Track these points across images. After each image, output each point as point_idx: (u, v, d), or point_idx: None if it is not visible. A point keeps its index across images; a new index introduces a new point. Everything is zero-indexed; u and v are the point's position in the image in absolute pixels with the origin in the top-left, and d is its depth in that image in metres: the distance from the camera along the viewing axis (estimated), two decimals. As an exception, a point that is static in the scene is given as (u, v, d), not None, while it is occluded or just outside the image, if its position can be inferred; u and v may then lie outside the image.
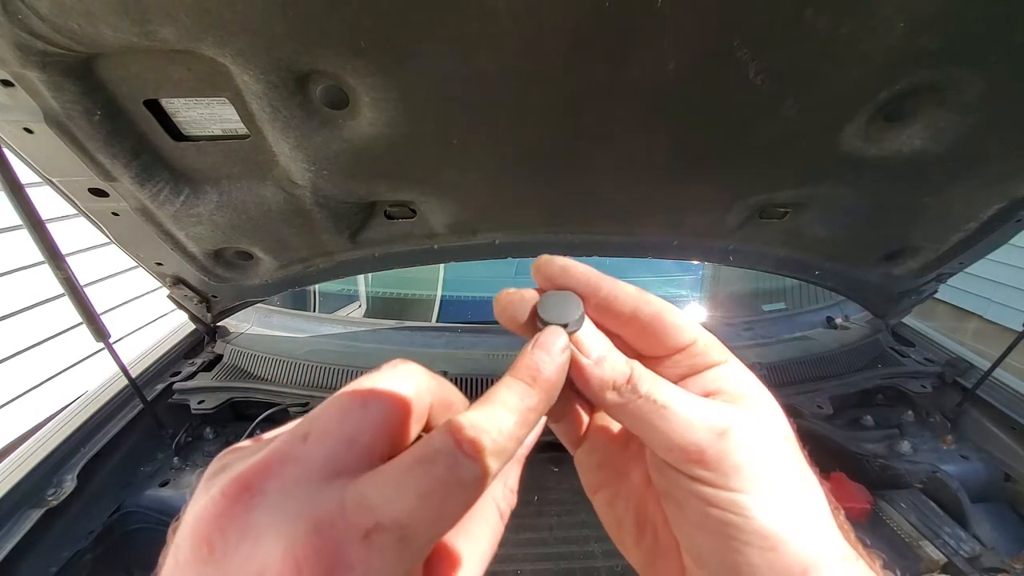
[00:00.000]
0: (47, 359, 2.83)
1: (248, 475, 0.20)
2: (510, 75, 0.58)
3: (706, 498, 0.24)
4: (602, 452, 0.32)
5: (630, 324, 0.28)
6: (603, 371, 0.26)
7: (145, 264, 1.04)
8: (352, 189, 0.82)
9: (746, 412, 0.26)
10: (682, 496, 0.26)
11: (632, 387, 0.26)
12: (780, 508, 0.24)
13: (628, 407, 0.26)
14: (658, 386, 0.26)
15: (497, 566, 0.93)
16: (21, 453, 0.97)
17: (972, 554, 0.90)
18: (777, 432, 0.26)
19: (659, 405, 0.25)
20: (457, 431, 0.21)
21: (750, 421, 0.25)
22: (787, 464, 0.25)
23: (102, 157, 0.70)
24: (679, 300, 1.81)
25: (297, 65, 0.56)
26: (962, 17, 0.51)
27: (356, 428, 0.21)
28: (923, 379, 1.31)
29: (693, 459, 0.24)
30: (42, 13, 0.48)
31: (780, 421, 0.27)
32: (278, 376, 1.25)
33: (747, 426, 0.25)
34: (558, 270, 0.28)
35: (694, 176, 0.82)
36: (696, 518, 0.25)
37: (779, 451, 0.25)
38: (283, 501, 0.19)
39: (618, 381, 0.26)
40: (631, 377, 0.26)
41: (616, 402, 0.26)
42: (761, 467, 0.24)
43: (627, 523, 0.31)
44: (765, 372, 1.26)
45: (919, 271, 1.11)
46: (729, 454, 0.24)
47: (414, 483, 0.20)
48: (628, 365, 0.27)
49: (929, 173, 0.79)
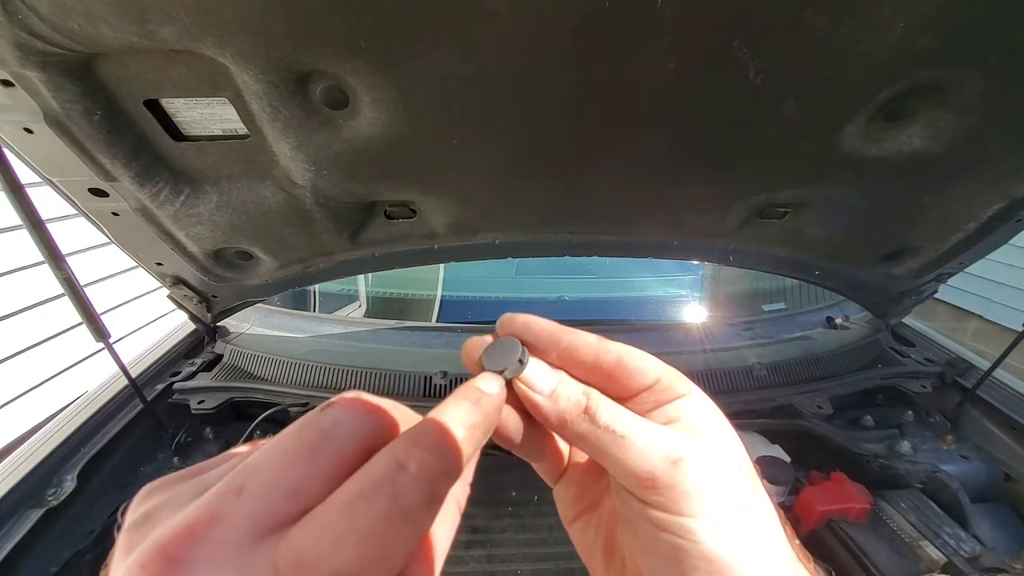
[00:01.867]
0: (47, 359, 2.83)
1: (171, 543, 0.17)
2: (510, 75, 0.58)
3: (657, 523, 0.25)
4: (577, 486, 0.34)
5: (594, 372, 0.28)
6: (557, 404, 0.27)
7: (145, 264, 1.04)
8: (352, 189, 0.82)
9: (700, 441, 0.27)
10: (637, 521, 0.27)
11: (591, 417, 0.27)
12: (727, 533, 0.25)
13: (588, 438, 0.27)
14: (616, 416, 0.27)
15: (497, 566, 0.93)
16: (21, 453, 0.97)
17: (972, 554, 0.90)
18: (730, 460, 0.27)
19: (617, 435, 0.26)
20: (401, 452, 0.20)
21: (703, 450, 0.26)
22: (738, 491, 0.26)
23: (102, 157, 0.70)
24: (679, 300, 1.81)
25: (297, 65, 0.56)
26: (962, 17, 0.51)
27: (302, 478, 0.19)
28: (923, 379, 1.31)
29: (647, 485, 0.25)
30: (42, 13, 0.48)
31: (735, 450, 0.28)
32: (278, 376, 1.25)
33: (700, 454, 0.26)
34: (520, 326, 0.30)
35: (694, 176, 0.82)
36: (649, 542, 0.26)
37: (730, 479, 0.26)
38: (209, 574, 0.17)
39: (573, 412, 0.27)
40: (588, 407, 0.27)
41: (576, 432, 0.27)
42: (710, 494, 0.25)
43: (596, 550, 0.32)
44: (765, 372, 1.27)
45: (919, 271, 1.11)
46: (680, 481, 0.25)
47: (353, 525, 0.18)
48: (584, 395, 0.27)
49: (929, 173, 0.79)
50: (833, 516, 1.01)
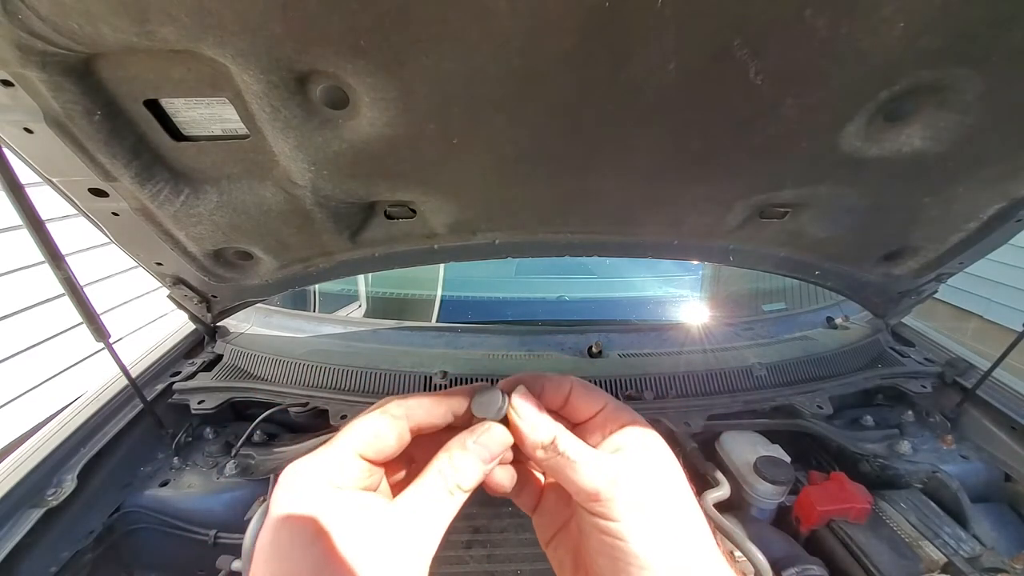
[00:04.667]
0: (47, 359, 2.83)
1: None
2: (510, 75, 0.58)
3: (600, 528, 0.33)
4: (551, 513, 0.42)
5: (560, 403, 0.40)
6: (535, 435, 0.36)
7: (145, 264, 1.04)
8: (352, 189, 0.82)
9: (633, 460, 0.35)
10: (590, 531, 0.35)
11: (554, 446, 0.36)
12: (651, 534, 0.32)
13: (550, 462, 0.36)
14: (572, 446, 0.36)
15: (497, 566, 0.93)
16: (21, 453, 0.97)
17: (972, 554, 0.90)
18: (659, 477, 0.35)
19: (571, 460, 0.35)
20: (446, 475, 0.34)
21: (636, 470, 0.35)
22: (664, 501, 0.34)
23: (102, 157, 0.70)
24: (679, 300, 1.81)
25: (297, 65, 0.56)
26: (962, 17, 0.51)
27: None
28: (923, 379, 1.31)
29: (593, 499, 0.33)
30: (42, 13, 0.48)
31: (665, 469, 0.36)
32: (278, 376, 1.25)
33: (632, 472, 0.34)
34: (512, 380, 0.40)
35: (694, 176, 0.82)
36: (597, 546, 0.34)
37: (658, 492, 0.34)
38: None
39: (544, 442, 0.36)
40: (555, 440, 0.36)
41: (543, 458, 0.36)
42: (638, 504, 0.33)
43: (567, 564, 0.40)
44: (765, 372, 1.27)
45: (919, 271, 1.11)
46: (616, 493, 0.33)
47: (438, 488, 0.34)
48: (553, 431, 0.36)
49: (929, 173, 0.79)
50: (833, 516, 1.01)
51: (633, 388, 1.22)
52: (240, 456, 1.12)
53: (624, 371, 1.27)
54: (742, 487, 1.06)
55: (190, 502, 1.05)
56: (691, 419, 1.12)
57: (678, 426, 1.10)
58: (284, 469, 0.33)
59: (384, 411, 0.36)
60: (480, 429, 0.36)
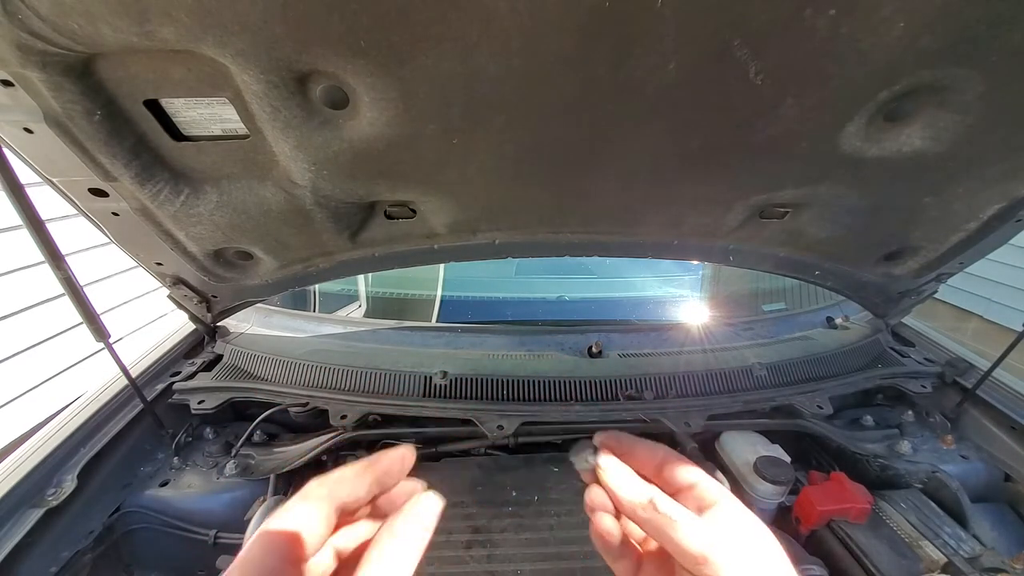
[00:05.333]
0: (47, 359, 2.83)
1: None
2: (510, 75, 0.58)
3: None
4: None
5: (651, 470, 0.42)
6: (631, 496, 0.39)
7: (145, 264, 1.04)
8: (352, 189, 0.82)
9: (737, 526, 0.37)
10: None
11: (653, 506, 0.37)
12: None
13: (651, 522, 0.37)
14: (672, 507, 0.37)
15: (497, 566, 0.93)
16: (21, 453, 0.97)
17: (972, 554, 0.90)
18: (761, 543, 0.37)
19: (673, 520, 0.36)
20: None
21: (740, 533, 0.36)
22: (770, 567, 0.36)
23: (102, 157, 0.70)
24: (679, 300, 1.81)
25: (297, 65, 0.56)
26: (962, 17, 0.51)
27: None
28: (923, 379, 1.31)
29: (700, 562, 0.34)
30: (42, 13, 0.48)
31: (765, 534, 0.37)
32: (278, 376, 1.25)
33: (737, 537, 0.36)
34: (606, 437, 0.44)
35: (694, 176, 0.82)
36: None
37: (763, 557, 0.36)
38: None
39: (640, 501, 0.38)
40: (652, 500, 0.37)
41: (643, 517, 0.38)
42: (746, 569, 0.34)
43: None
44: (765, 372, 1.27)
45: (919, 271, 1.11)
46: (723, 558, 0.34)
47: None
48: (648, 492, 0.38)
49: (929, 173, 0.79)
50: (833, 516, 1.01)
51: (633, 388, 1.22)
52: (240, 456, 1.12)
53: (624, 371, 1.27)
54: (742, 487, 1.06)
55: (190, 502, 1.05)
56: (691, 419, 1.12)
57: (678, 426, 1.10)
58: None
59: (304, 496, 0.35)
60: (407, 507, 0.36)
